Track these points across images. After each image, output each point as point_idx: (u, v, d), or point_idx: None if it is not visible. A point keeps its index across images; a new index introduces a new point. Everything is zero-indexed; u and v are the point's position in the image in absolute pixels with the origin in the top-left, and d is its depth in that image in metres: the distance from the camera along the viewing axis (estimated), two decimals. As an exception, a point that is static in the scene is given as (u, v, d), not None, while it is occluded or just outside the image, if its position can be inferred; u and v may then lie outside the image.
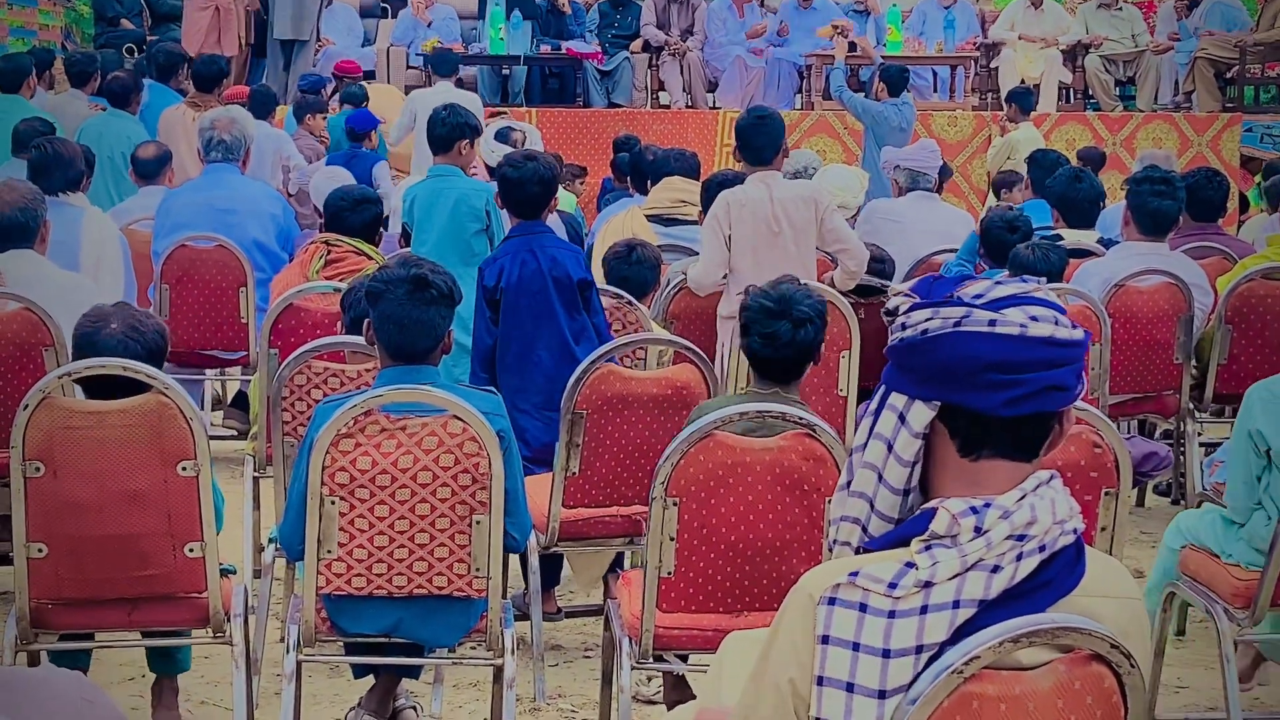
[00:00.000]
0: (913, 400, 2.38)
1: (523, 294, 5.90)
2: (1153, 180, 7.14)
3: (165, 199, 8.54)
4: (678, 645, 4.37)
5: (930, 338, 2.36)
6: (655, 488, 4.23)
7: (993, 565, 2.31)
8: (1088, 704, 2.33)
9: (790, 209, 6.86)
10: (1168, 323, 7.08)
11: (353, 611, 4.41)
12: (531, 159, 6.13)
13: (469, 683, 5.45)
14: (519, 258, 5.94)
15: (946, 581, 2.30)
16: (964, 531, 2.31)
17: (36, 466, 4.32)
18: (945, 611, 2.30)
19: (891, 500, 2.41)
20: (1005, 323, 2.33)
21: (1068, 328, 2.37)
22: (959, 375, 2.34)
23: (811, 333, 4.57)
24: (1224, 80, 15.87)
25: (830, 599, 2.33)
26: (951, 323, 2.35)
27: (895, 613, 2.31)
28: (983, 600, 2.30)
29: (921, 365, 2.37)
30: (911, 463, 2.39)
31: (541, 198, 6.05)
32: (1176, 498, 7.70)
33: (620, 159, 11.90)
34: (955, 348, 2.34)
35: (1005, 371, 2.32)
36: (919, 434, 2.38)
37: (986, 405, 2.34)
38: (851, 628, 2.31)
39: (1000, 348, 2.33)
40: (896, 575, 2.31)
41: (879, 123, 13.09)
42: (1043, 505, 2.34)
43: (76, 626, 4.56)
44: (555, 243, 6.09)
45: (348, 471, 4.28)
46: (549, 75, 15.94)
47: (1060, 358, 2.35)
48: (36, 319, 5.67)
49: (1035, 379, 2.33)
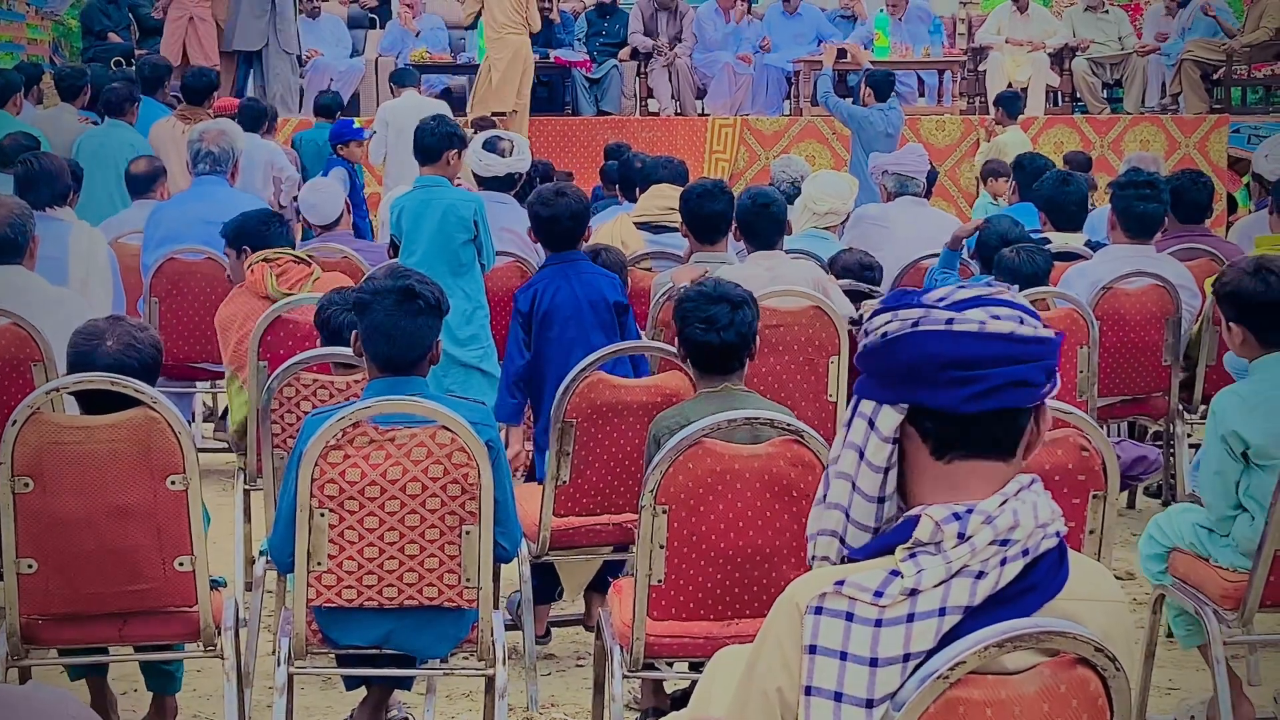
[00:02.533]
0: (880, 405, 2.40)
1: (557, 317, 5.91)
2: (1137, 184, 7.16)
3: (154, 212, 8.53)
4: (669, 653, 4.38)
5: (890, 340, 2.38)
6: (644, 496, 4.23)
7: (977, 571, 2.32)
8: (1073, 707, 2.34)
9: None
10: (1155, 325, 7.09)
11: (344, 623, 4.41)
12: (561, 194, 6.14)
13: (461, 693, 5.45)
14: (554, 283, 5.97)
15: (932, 589, 2.31)
16: (948, 538, 2.32)
17: (25, 482, 4.32)
18: (931, 619, 2.31)
19: (867, 508, 2.41)
20: (963, 320, 2.35)
21: (1033, 326, 2.37)
22: (919, 375, 2.35)
23: (749, 316, 4.66)
24: (1211, 82, 15.92)
25: (817, 608, 2.34)
26: (910, 324, 2.37)
27: (882, 621, 2.31)
28: (968, 606, 2.31)
29: (884, 369, 2.39)
30: (884, 468, 2.40)
31: (574, 231, 6.11)
32: (1167, 499, 7.70)
33: (610, 167, 11.91)
34: (913, 348, 2.36)
35: (963, 368, 2.33)
36: (888, 438, 2.39)
37: (948, 403, 2.35)
38: (838, 637, 2.32)
39: (957, 345, 2.34)
40: (882, 584, 2.32)
41: (864, 128, 13.11)
42: (1025, 509, 2.35)
43: (67, 642, 4.55)
44: (591, 268, 6.14)
45: (337, 483, 4.28)
46: (538, 84, 15.95)
47: (1022, 354, 2.36)
48: (25, 334, 5.66)
49: (995, 374, 2.34)
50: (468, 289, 7.12)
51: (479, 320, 7.21)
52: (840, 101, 13.72)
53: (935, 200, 11.56)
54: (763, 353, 6.23)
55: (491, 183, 8.35)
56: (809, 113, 15.39)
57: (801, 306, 6.29)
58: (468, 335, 7.12)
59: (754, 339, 4.72)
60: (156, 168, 9.46)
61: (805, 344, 6.30)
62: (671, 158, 9.61)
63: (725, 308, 4.63)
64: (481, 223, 7.18)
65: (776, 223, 6.78)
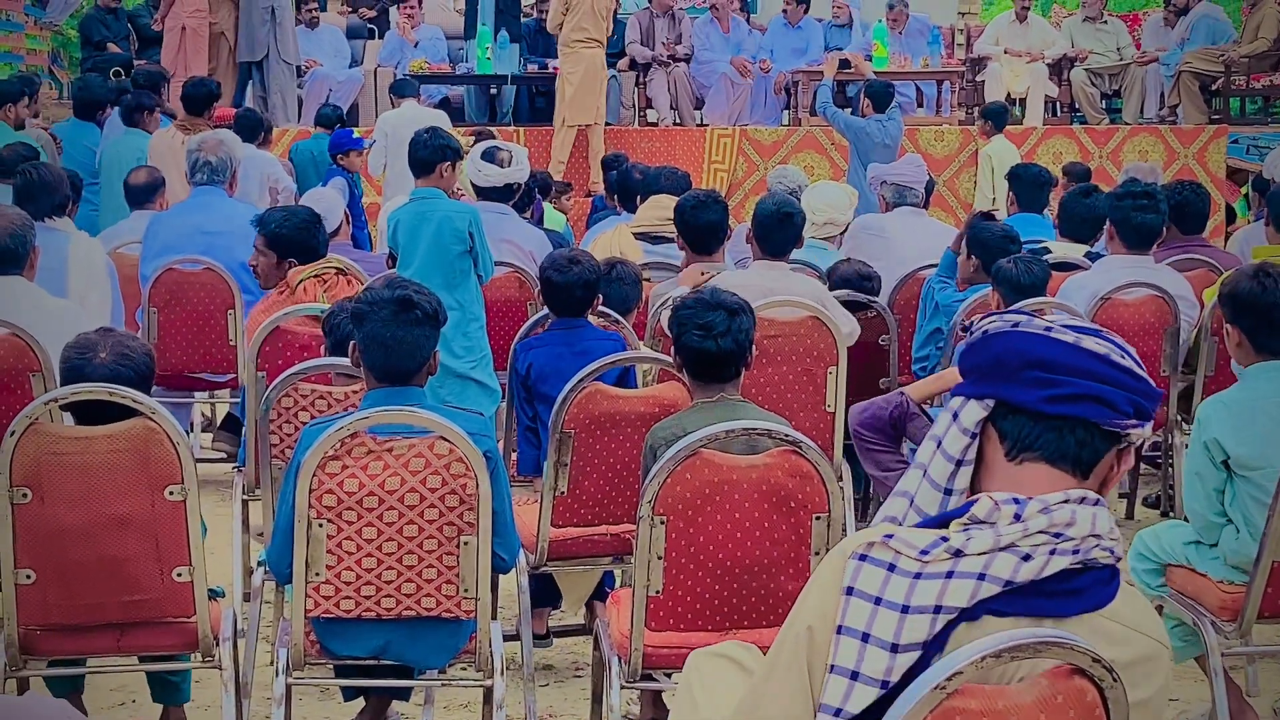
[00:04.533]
0: (967, 400, 2.50)
1: (557, 380, 5.85)
2: (1134, 194, 7.16)
3: (152, 222, 8.53)
4: (667, 664, 4.37)
5: (988, 335, 2.51)
6: (643, 506, 4.23)
7: (1025, 553, 2.38)
8: (1070, 718, 2.34)
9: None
10: (1154, 335, 7.09)
11: (342, 634, 4.41)
12: (576, 262, 6.05)
13: (459, 704, 5.45)
14: (555, 350, 5.90)
15: (976, 555, 2.38)
16: (1003, 517, 2.39)
17: (24, 493, 4.32)
18: (970, 580, 2.37)
19: (932, 496, 2.51)
20: (1061, 331, 2.47)
21: (1132, 363, 2.48)
22: (1004, 368, 2.46)
23: (746, 323, 4.67)
24: (1209, 93, 15.92)
25: (862, 555, 2.42)
26: (1010, 324, 2.50)
27: (921, 575, 2.39)
28: (1009, 582, 2.37)
29: (976, 363, 2.51)
30: (958, 460, 2.50)
31: (585, 301, 6.00)
32: (1165, 510, 7.71)
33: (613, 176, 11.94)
34: (1005, 342, 2.48)
35: (1047, 369, 2.44)
36: (968, 430, 2.49)
37: (1027, 400, 2.45)
38: (877, 584, 2.40)
39: (1047, 348, 2.45)
40: (930, 545, 2.40)
41: (861, 139, 13.12)
42: (1084, 513, 2.41)
43: (66, 652, 4.56)
44: (595, 334, 6.02)
45: (335, 494, 4.28)
46: (536, 94, 15.97)
47: (1110, 376, 2.46)
48: (23, 345, 5.67)
49: (1078, 384, 2.43)
50: (463, 300, 7.12)
51: (474, 331, 7.20)
52: (838, 112, 13.75)
53: (933, 210, 11.55)
54: (760, 363, 6.24)
55: (490, 193, 8.35)
56: (808, 123, 15.40)
57: (800, 317, 6.29)
58: (463, 346, 7.11)
59: (750, 347, 4.73)
60: (155, 178, 9.46)
61: (804, 354, 6.30)
62: (674, 168, 9.62)
63: (722, 315, 4.64)
64: (478, 234, 7.18)
65: (794, 234, 6.80)
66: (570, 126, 14.72)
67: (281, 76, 14.81)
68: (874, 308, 7.38)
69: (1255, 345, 4.91)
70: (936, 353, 7.26)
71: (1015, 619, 2.38)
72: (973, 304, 6.92)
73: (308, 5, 16.05)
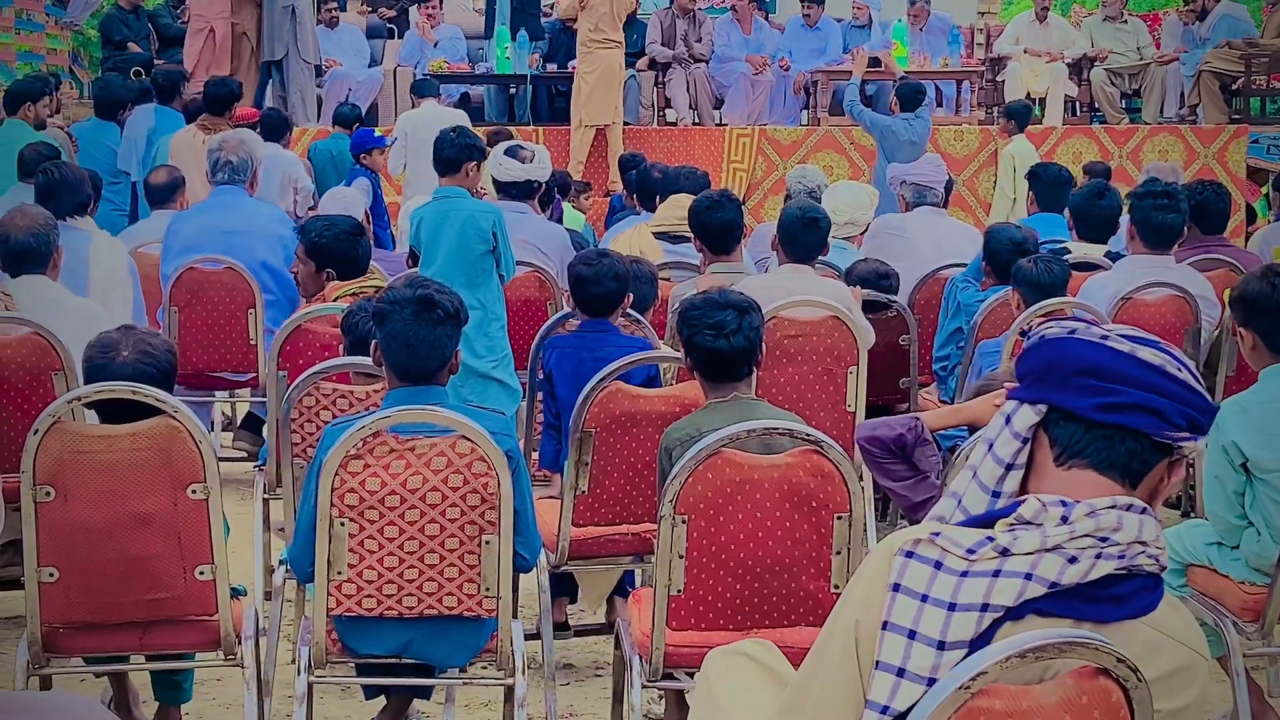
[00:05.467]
0: (1021, 404, 2.51)
1: (575, 385, 5.85)
2: (1155, 194, 7.14)
3: (173, 222, 8.55)
4: (688, 664, 4.37)
5: (1044, 340, 2.52)
6: (664, 506, 4.23)
7: (1071, 556, 2.38)
8: (1095, 718, 2.34)
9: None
10: (1175, 335, 7.07)
11: (363, 632, 4.42)
12: (605, 255, 6.07)
13: (480, 702, 5.46)
14: (576, 354, 5.90)
15: (1023, 555, 2.38)
16: (1050, 519, 2.39)
17: (47, 491, 4.33)
18: (1017, 580, 2.37)
19: (979, 497, 2.52)
20: (1117, 341, 2.47)
21: (1188, 376, 2.48)
22: (1056, 373, 2.47)
23: (756, 321, 4.65)
24: (1229, 92, 15.88)
25: (909, 552, 2.42)
26: (1067, 330, 2.51)
27: (968, 573, 2.39)
28: (1054, 583, 2.37)
29: (1031, 367, 2.52)
30: (1008, 464, 2.50)
31: (616, 295, 5.96)
32: (1186, 510, 7.70)
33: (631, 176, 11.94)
34: (1060, 348, 2.49)
35: (1099, 377, 2.44)
36: (1019, 434, 2.49)
37: (1077, 406, 2.45)
38: (924, 581, 2.40)
39: (1102, 355, 2.46)
40: (976, 544, 2.40)
41: (888, 137, 13.13)
42: (1131, 520, 2.41)
43: (88, 650, 4.57)
44: (618, 340, 5.98)
45: (357, 493, 4.29)
46: (555, 94, 15.97)
47: (1163, 387, 2.46)
48: (46, 343, 5.69)
49: (1130, 393, 2.44)
50: (485, 299, 7.13)
51: (496, 331, 7.21)
52: (865, 110, 13.78)
53: (953, 210, 11.56)
54: (781, 362, 6.25)
55: (510, 188, 8.34)
56: (827, 122, 15.40)
57: (821, 317, 6.29)
58: (484, 346, 7.12)
59: (761, 345, 4.72)
60: (175, 178, 9.49)
61: (824, 354, 6.30)
62: (694, 168, 9.61)
63: (732, 313, 4.63)
64: (500, 234, 7.18)
65: (820, 239, 6.79)
66: (587, 126, 14.74)
67: (301, 76, 14.83)
68: (894, 307, 7.37)
69: (1270, 347, 4.88)
70: (957, 353, 7.25)
71: (1059, 620, 2.38)
72: (993, 304, 6.92)
73: (327, 5, 16.07)
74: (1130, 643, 2.37)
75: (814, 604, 4.27)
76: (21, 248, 6.09)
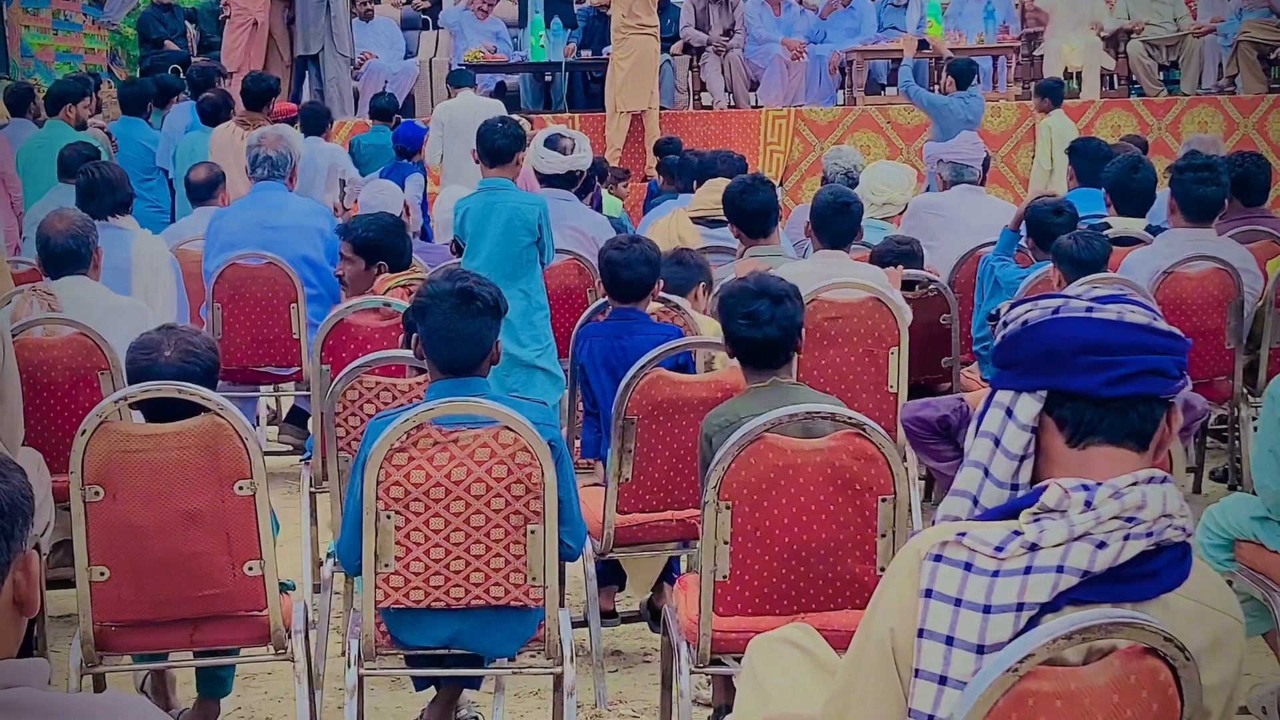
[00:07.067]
0: (1019, 394, 2.48)
1: (607, 374, 5.86)
2: (1195, 167, 7.10)
3: (214, 219, 8.59)
4: (735, 649, 4.37)
5: (1030, 326, 2.48)
6: (707, 492, 4.24)
7: (1099, 540, 2.37)
8: (1143, 698, 2.34)
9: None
10: (1218, 308, 7.04)
11: (412, 624, 4.44)
12: (637, 240, 6.08)
13: (530, 691, 5.47)
14: (606, 342, 5.92)
15: (1052, 548, 2.36)
16: (1074, 505, 2.38)
17: (96, 490, 4.36)
18: (1049, 574, 2.36)
19: (997, 494, 2.49)
20: (1102, 309, 2.45)
21: (1165, 324, 2.47)
22: (1058, 358, 2.44)
23: (791, 310, 4.65)
24: (1268, 62, 15.75)
25: (936, 556, 2.41)
26: (1050, 311, 2.47)
27: (999, 572, 2.37)
28: (1086, 571, 2.36)
29: (1024, 356, 2.48)
30: (1020, 456, 2.48)
31: (648, 279, 5.96)
32: (1232, 483, 7.66)
33: (669, 161, 11.93)
34: (1054, 332, 2.45)
35: (1104, 353, 2.42)
36: (1026, 425, 2.47)
37: (1088, 387, 2.43)
38: (955, 585, 2.38)
39: (1098, 330, 2.43)
40: (1004, 540, 2.38)
41: (944, 115, 13.14)
42: (1154, 494, 2.40)
43: (140, 648, 4.60)
44: (648, 328, 5.99)
45: (402, 485, 4.30)
46: (590, 80, 15.97)
47: (1158, 345, 2.44)
48: (91, 343, 5.73)
49: (1134, 360, 2.42)
50: (529, 289, 7.13)
51: (540, 320, 7.21)
52: (920, 89, 13.83)
53: (991, 187, 11.52)
54: (822, 345, 6.24)
55: (553, 180, 8.34)
56: (863, 102, 15.35)
57: (860, 299, 6.28)
58: (529, 335, 7.13)
59: (799, 333, 4.71)
60: (216, 174, 9.53)
61: (865, 335, 6.29)
62: (730, 152, 9.62)
63: (766, 303, 4.63)
64: (545, 225, 7.17)
65: (852, 224, 6.78)
66: (623, 113, 14.74)
67: (337, 69, 14.88)
68: (934, 286, 7.36)
69: None
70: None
71: (1095, 606, 2.36)
72: (1034, 281, 6.89)
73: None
74: (1167, 617, 2.37)
75: (859, 587, 4.27)
76: (61, 250, 6.12)
